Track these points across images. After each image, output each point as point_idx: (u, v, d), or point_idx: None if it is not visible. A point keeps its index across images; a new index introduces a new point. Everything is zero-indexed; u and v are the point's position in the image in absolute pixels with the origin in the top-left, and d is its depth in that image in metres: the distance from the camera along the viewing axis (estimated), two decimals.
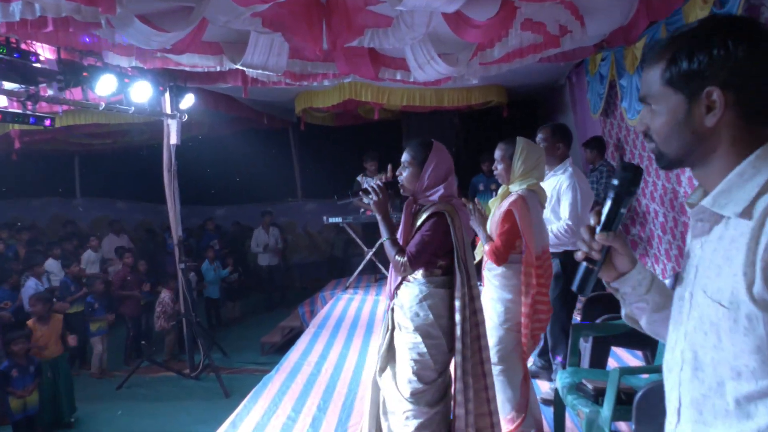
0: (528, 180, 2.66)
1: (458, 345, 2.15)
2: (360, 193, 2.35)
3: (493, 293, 2.70)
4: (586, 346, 3.05)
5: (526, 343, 2.61)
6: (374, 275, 7.21)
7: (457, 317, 2.16)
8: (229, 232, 10.42)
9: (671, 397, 0.98)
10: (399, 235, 2.33)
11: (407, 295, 2.24)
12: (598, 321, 2.98)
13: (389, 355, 2.29)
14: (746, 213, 0.84)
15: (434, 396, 2.19)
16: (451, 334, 2.20)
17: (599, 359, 3.02)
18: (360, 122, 9.04)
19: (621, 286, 1.08)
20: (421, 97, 6.78)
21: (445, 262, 2.24)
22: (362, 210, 7.06)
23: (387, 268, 7.17)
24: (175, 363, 6.47)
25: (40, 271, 5.86)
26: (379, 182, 2.31)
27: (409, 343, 2.19)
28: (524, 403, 2.64)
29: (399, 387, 2.20)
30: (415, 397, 2.15)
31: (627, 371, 2.35)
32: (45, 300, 5.05)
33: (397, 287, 2.30)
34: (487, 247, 2.65)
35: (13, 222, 9.31)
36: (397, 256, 2.19)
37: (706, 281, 0.89)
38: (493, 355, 2.57)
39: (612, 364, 3.23)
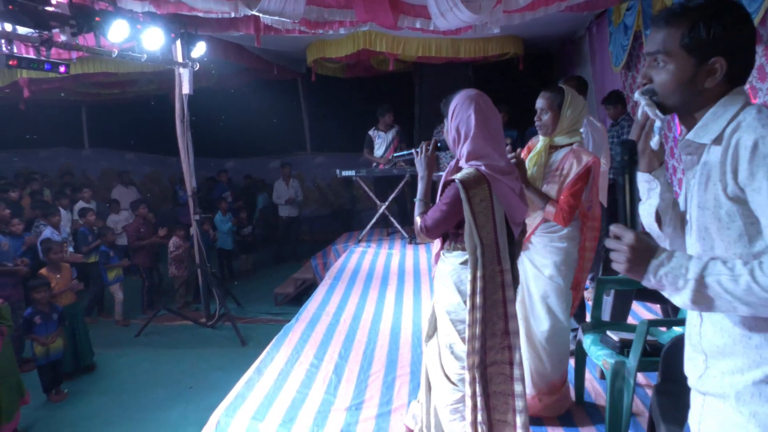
0: (575, 133, 2.50)
1: (467, 333, 1.91)
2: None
3: (556, 256, 2.52)
4: (607, 300, 3.08)
5: (578, 296, 2.61)
6: (386, 229, 7.24)
7: (468, 303, 1.92)
8: (240, 184, 10.42)
9: None
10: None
11: (443, 269, 2.06)
12: (620, 275, 2.99)
13: (432, 325, 2.16)
14: (718, 139, 1.11)
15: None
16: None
17: (621, 312, 3.05)
18: (371, 74, 8.86)
19: (658, 176, 1.30)
20: (437, 47, 6.61)
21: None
22: (374, 164, 7.02)
23: (399, 222, 7.13)
24: (191, 312, 6.59)
25: (57, 221, 5.88)
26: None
27: (441, 320, 2.06)
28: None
29: (443, 365, 2.04)
30: (455, 378, 2.01)
31: (654, 323, 2.37)
32: (55, 249, 5.09)
33: (437, 257, 2.12)
34: (552, 209, 2.44)
35: (25, 172, 9.31)
36: (417, 217, 2.03)
37: (697, 198, 1.15)
38: (564, 319, 2.55)
39: (629, 319, 3.26)
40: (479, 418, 1.91)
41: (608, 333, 2.56)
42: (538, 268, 2.54)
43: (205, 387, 4.61)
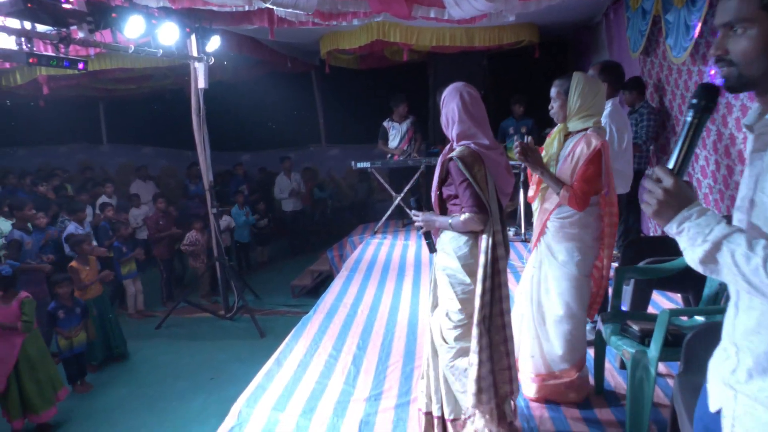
0: (589, 117, 2.49)
1: (479, 289, 2.14)
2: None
3: (569, 242, 2.53)
4: (627, 289, 3.05)
5: (603, 286, 2.59)
6: (401, 220, 7.24)
7: (481, 260, 2.15)
8: (255, 177, 10.47)
9: (732, 292, 1.16)
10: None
11: (443, 239, 2.30)
12: (640, 265, 2.96)
13: (435, 294, 2.39)
14: None
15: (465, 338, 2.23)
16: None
17: (641, 302, 3.02)
18: (385, 65, 8.82)
19: None
20: (451, 37, 6.55)
21: None
22: (389, 155, 7.01)
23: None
24: (210, 304, 6.67)
25: (83, 217, 5.99)
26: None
27: (442, 284, 2.28)
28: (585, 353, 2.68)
29: (442, 327, 2.29)
30: (449, 337, 2.25)
31: (676, 313, 2.34)
32: (84, 241, 5.22)
33: (437, 230, 2.36)
34: (566, 193, 2.44)
35: (47, 168, 9.43)
36: (459, 221, 2.26)
37: (764, 184, 1.03)
38: (577, 307, 2.55)
39: (648, 309, 3.23)
40: (482, 372, 2.11)
41: (629, 322, 2.54)
42: (553, 253, 2.55)
43: (224, 378, 4.68)
